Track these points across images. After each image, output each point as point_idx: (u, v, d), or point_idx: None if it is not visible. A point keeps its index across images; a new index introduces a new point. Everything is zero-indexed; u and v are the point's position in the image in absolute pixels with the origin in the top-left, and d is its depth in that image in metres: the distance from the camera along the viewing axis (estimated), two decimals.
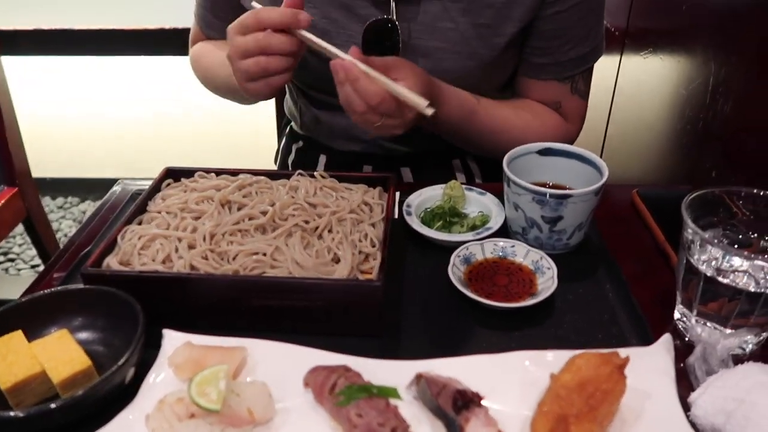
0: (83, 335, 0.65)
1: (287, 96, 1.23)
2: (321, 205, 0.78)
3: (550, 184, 0.86)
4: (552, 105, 1.07)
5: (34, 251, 2.48)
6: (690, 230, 0.65)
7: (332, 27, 0.96)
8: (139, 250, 0.71)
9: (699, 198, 0.69)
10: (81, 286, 0.66)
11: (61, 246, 0.84)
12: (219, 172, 0.87)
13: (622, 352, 0.57)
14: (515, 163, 0.85)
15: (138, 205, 0.79)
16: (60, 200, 2.87)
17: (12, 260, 2.53)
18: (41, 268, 2.42)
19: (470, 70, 0.98)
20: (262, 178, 0.85)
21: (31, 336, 0.62)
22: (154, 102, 2.64)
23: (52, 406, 0.53)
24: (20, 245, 2.58)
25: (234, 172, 0.86)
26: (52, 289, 0.66)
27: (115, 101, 2.77)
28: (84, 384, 0.58)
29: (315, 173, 0.85)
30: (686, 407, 0.58)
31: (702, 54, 1.12)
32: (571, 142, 1.09)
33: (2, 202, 1.75)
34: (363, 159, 1.11)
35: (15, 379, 0.56)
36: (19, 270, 2.49)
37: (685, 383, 0.62)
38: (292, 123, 1.24)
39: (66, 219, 2.77)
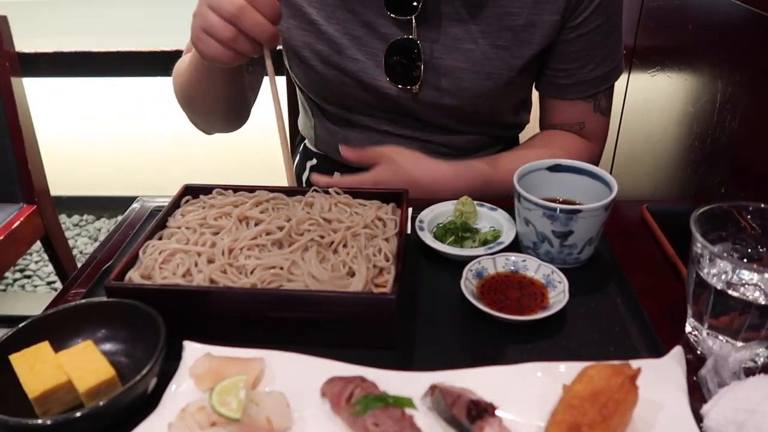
0: (107, 346, 0.67)
1: (301, 114, 1.25)
2: (336, 221, 0.80)
3: (561, 199, 0.88)
4: (576, 126, 1.09)
5: (50, 268, 2.53)
6: (699, 244, 0.66)
7: (353, 43, 0.99)
8: (160, 265, 0.73)
9: (707, 213, 0.70)
10: (104, 299, 0.68)
11: (78, 263, 0.87)
12: (236, 189, 0.89)
13: (634, 363, 0.58)
14: (525, 180, 0.86)
15: (158, 221, 0.81)
16: (76, 218, 2.91)
17: (28, 277, 2.57)
18: (57, 284, 2.46)
19: (488, 89, 1.01)
20: (279, 194, 0.87)
21: (57, 347, 0.64)
22: (169, 122, 2.69)
23: (78, 414, 0.55)
24: (36, 262, 2.62)
25: (251, 189, 0.88)
26: (77, 302, 0.68)
27: (130, 121, 2.83)
28: (108, 393, 0.60)
29: (330, 189, 0.87)
30: (698, 419, 0.58)
31: (709, 72, 1.14)
32: (596, 163, 1.11)
33: (21, 219, 1.79)
34: None
35: (42, 388, 0.58)
36: (36, 287, 2.53)
37: (697, 395, 0.63)
38: (306, 141, 1.27)
39: (82, 236, 2.81)
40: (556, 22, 0.96)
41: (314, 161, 1.24)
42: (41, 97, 2.44)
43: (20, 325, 0.64)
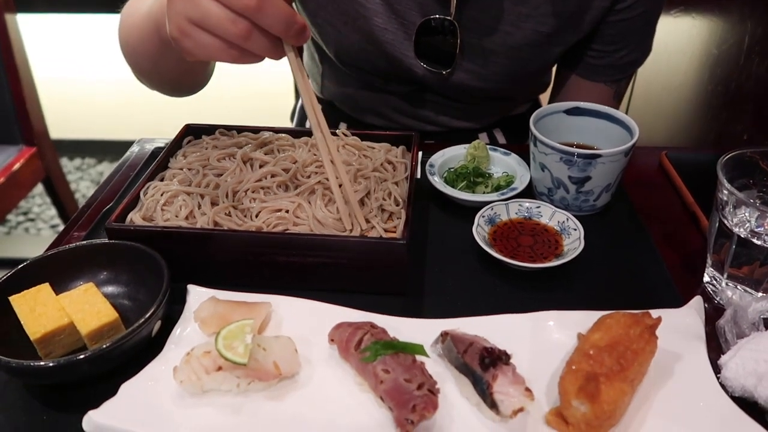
0: (108, 289, 0.65)
1: (306, 56, 1.18)
2: (344, 163, 0.77)
3: (577, 144, 0.84)
4: None
5: (53, 211, 2.52)
6: (725, 191, 0.63)
7: (386, 9, 0.89)
8: (162, 206, 0.71)
9: (734, 159, 0.67)
10: (106, 240, 0.66)
11: (80, 206, 0.84)
12: (240, 130, 0.85)
13: (654, 313, 0.56)
14: (542, 123, 0.83)
15: (159, 161, 0.78)
16: (77, 161, 2.88)
17: (32, 220, 2.56)
18: (61, 227, 2.45)
19: (520, 75, 0.96)
20: (284, 135, 0.83)
21: (57, 289, 0.62)
22: None
23: (81, 356, 0.54)
24: (39, 205, 2.61)
25: (255, 130, 0.85)
26: (78, 244, 0.66)
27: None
28: (111, 336, 0.59)
29: (337, 131, 0.84)
30: (716, 370, 0.57)
31: (737, 12, 1.08)
32: None
33: (21, 162, 1.76)
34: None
35: (44, 330, 0.57)
36: (39, 230, 2.53)
37: (714, 346, 0.61)
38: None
39: (84, 180, 2.79)
40: (606, 8, 0.90)
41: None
42: (37, 36, 2.37)
43: (19, 266, 0.63)
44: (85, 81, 2.79)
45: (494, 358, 0.53)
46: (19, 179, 1.75)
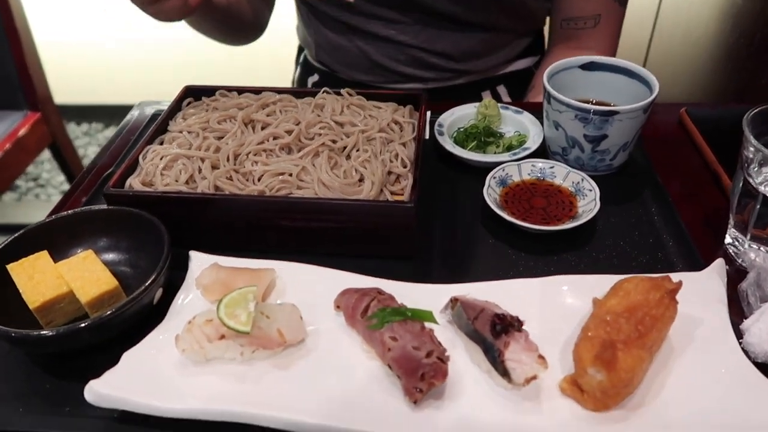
0: (108, 256, 0.64)
1: (298, 21, 1.14)
2: (348, 124, 0.74)
3: (594, 101, 0.80)
4: (591, 20, 0.99)
5: (62, 177, 2.51)
6: (752, 147, 0.60)
7: None
8: (162, 171, 0.69)
9: (762, 114, 0.63)
10: (104, 206, 0.64)
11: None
12: (241, 91, 0.82)
13: (674, 276, 0.54)
14: (556, 79, 0.79)
15: (158, 124, 0.76)
16: (85, 126, 2.86)
17: (42, 186, 2.56)
18: None
19: None
20: (286, 95, 0.80)
21: (56, 257, 0.60)
22: (168, 27, 2.56)
23: (82, 325, 0.52)
24: (48, 171, 2.61)
25: (256, 90, 0.82)
26: (75, 210, 0.64)
27: (138, 23, 2.69)
28: (111, 304, 0.57)
29: (341, 90, 0.80)
30: (738, 334, 0.55)
31: None
32: None
33: (27, 127, 1.75)
34: None
35: (43, 299, 0.55)
36: (49, 195, 2.53)
37: (736, 310, 0.59)
38: (306, 52, 1.17)
39: (92, 145, 2.77)
40: None
41: (316, 77, 1.13)
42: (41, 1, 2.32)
43: (16, 234, 0.61)
44: (89, 44, 2.74)
45: (506, 325, 0.51)
46: (25, 145, 1.74)
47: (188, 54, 2.57)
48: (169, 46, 2.63)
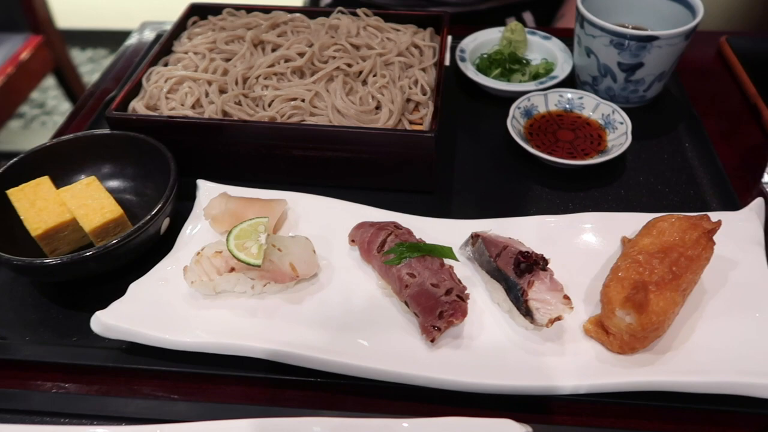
0: (112, 183, 0.61)
1: None
2: (365, 47, 0.69)
3: (630, 26, 0.74)
4: None
5: (68, 104, 2.46)
6: None
7: None
8: (167, 94, 0.65)
9: None
10: (107, 131, 0.61)
11: None
12: (250, 9, 0.77)
13: (712, 216, 0.50)
14: (591, 1, 0.72)
15: (162, 45, 0.71)
16: (90, 52, 2.78)
17: (48, 113, 2.52)
18: None
19: None
20: (298, 15, 0.75)
21: (57, 183, 0.58)
22: None
23: (87, 254, 0.50)
24: (54, 98, 2.56)
25: (266, 9, 0.76)
26: (77, 134, 0.61)
27: None
28: (117, 233, 0.55)
29: (357, 11, 0.75)
30: None
31: None
32: None
33: (29, 51, 1.69)
34: None
35: (45, 227, 0.53)
36: (56, 123, 2.49)
37: None
38: None
39: (96, 71, 2.70)
40: None
41: None
42: None
43: (15, 159, 0.58)
44: None
45: (530, 263, 0.48)
46: (28, 69, 1.69)
47: None
48: None
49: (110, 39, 2.79)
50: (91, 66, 2.74)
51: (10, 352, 0.50)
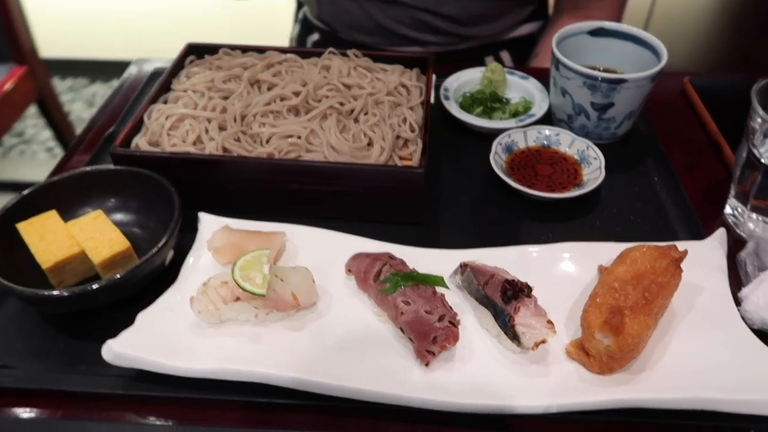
0: (117, 216, 0.63)
1: None
2: (356, 86, 0.74)
3: (601, 68, 0.80)
4: None
5: (47, 133, 2.46)
6: (759, 118, 0.61)
7: None
8: (168, 131, 0.68)
9: None
10: (112, 166, 0.64)
11: (75, 127, 0.81)
12: (245, 49, 0.81)
13: (680, 245, 0.55)
14: (564, 45, 0.78)
15: (162, 82, 0.74)
16: (69, 81, 2.79)
17: (27, 142, 2.51)
18: (56, 150, 2.41)
19: None
20: (291, 56, 0.79)
21: (64, 216, 0.60)
22: None
23: (95, 286, 0.53)
24: (33, 126, 2.55)
25: (261, 50, 0.80)
26: (83, 169, 0.64)
27: None
28: (123, 265, 0.58)
29: (348, 52, 0.79)
30: (736, 302, 0.57)
31: None
32: None
33: (13, 81, 1.70)
34: None
35: (55, 259, 0.55)
36: (34, 152, 2.48)
37: (733, 278, 0.60)
38: (306, 9, 1.14)
39: (76, 101, 2.71)
40: None
41: (316, 36, 1.11)
42: None
43: (25, 192, 0.60)
44: None
45: (516, 291, 0.52)
46: (12, 100, 1.69)
47: (175, 6, 2.50)
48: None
49: (91, 68, 2.81)
50: (71, 95, 2.74)
51: (21, 381, 0.52)
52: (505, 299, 0.52)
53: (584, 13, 1.00)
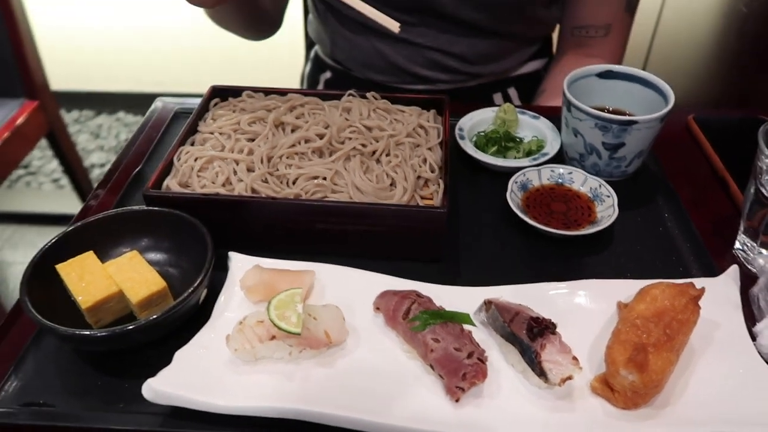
0: (150, 256, 0.65)
1: (311, 15, 1.14)
2: (377, 128, 0.76)
3: (610, 108, 0.84)
4: (602, 29, 1.02)
5: (53, 165, 2.49)
6: (765, 159, 0.64)
7: None
8: (198, 172, 0.70)
9: None
10: (145, 207, 0.66)
11: (84, 160, 0.83)
12: (267, 92, 0.84)
13: (696, 283, 0.57)
14: (574, 87, 0.82)
15: (189, 125, 0.77)
16: (75, 113, 2.83)
17: (33, 174, 2.53)
18: (63, 181, 2.43)
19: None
20: (313, 98, 0.82)
21: (100, 256, 0.62)
22: (172, 12, 2.54)
23: (133, 326, 0.54)
24: (40, 158, 2.58)
25: (282, 92, 0.84)
26: (117, 210, 0.66)
27: (128, 7, 2.66)
28: (159, 304, 0.59)
29: (367, 94, 0.82)
30: (751, 336, 0.59)
31: None
32: None
33: (25, 116, 1.73)
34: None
35: (94, 300, 0.57)
36: (41, 184, 2.50)
37: (746, 313, 0.62)
38: (318, 48, 1.17)
39: (83, 132, 2.74)
40: None
41: (329, 74, 1.14)
42: None
43: (61, 233, 0.63)
44: (80, 29, 2.71)
45: (542, 328, 0.54)
46: (23, 133, 1.72)
47: (179, 42, 2.55)
48: (160, 33, 2.60)
49: (97, 101, 2.84)
50: (77, 127, 2.78)
51: (59, 419, 0.54)
52: (531, 336, 0.54)
53: (586, 51, 1.04)
